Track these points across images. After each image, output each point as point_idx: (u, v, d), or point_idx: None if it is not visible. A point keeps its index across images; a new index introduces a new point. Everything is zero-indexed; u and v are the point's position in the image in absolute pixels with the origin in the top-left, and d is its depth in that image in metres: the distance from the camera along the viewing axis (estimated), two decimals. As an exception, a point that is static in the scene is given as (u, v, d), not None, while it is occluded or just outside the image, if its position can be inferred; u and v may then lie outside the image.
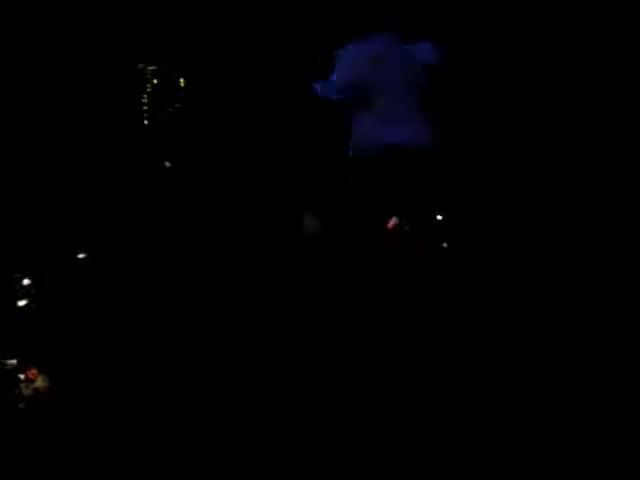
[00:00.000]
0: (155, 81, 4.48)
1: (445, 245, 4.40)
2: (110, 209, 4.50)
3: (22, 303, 4.35)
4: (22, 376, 4.15)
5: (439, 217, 4.49)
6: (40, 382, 4.24)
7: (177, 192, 4.59)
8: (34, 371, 4.14)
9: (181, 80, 4.54)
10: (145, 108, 4.48)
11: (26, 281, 4.36)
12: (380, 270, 4.24)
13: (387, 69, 4.72)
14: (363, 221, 4.50)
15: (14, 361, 4.17)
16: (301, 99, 4.70)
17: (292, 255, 4.35)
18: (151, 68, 4.48)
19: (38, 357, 4.23)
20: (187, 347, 4.05)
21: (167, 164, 4.51)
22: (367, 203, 4.58)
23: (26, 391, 4.14)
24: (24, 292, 4.35)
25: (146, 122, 4.48)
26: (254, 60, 4.68)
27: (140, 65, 4.48)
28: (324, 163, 4.78)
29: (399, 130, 4.67)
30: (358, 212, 4.56)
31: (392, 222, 4.45)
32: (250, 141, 4.64)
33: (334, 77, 4.73)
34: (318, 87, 4.68)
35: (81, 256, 4.48)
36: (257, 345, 3.89)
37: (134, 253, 4.52)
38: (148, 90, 4.48)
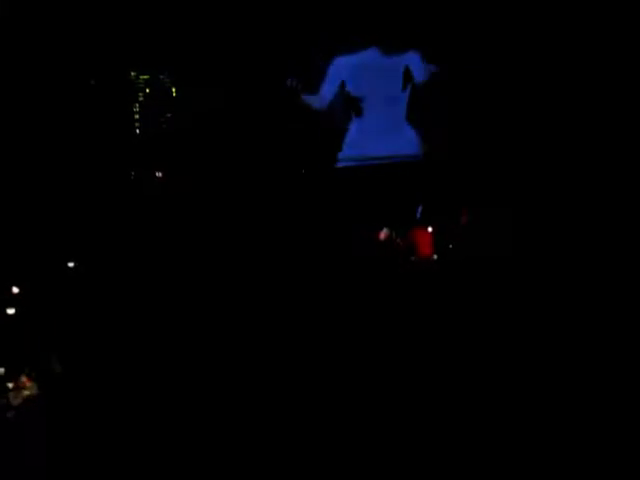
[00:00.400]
0: (147, 90, 4.49)
1: (435, 256, 4.44)
2: (99, 215, 4.49)
3: (11, 311, 4.32)
4: (11, 385, 4.12)
5: (429, 229, 4.52)
6: (29, 390, 4.21)
7: (167, 200, 4.60)
8: (24, 379, 4.11)
9: (173, 89, 4.55)
10: (137, 117, 4.48)
11: (15, 289, 4.34)
12: (373, 277, 4.26)
13: (375, 81, 4.75)
14: (354, 231, 4.52)
15: (2, 369, 4.14)
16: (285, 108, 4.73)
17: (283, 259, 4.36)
18: (144, 77, 4.49)
19: (27, 365, 4.20)
20: (179, 356, 4.05)
21: (158, 174, 4.52)
22: (356, 214, 4.60)
23: (15, 400, 4.11)
24: (13, 300, 4.33)
25: (137, 131, 4.49)
26: (243, 67, 4.70)
27: (133, 73, 4.48)
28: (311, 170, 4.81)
29: (387, 141, 4.70)
30: (347, 221, 4.58)
31: (383, 233, 4.48)
32: (237, 148, 4.66)
33: (324, 90, 4.76)
34: (309, 99, 4.71)
35: (71, 265, 4.47)
36: (251, 343, 3.90)
37: (123, 260, 4.51)
38: (140, 99, 4.49)
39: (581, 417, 3.22)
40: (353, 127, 4.76)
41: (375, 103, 4.74)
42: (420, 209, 4.61)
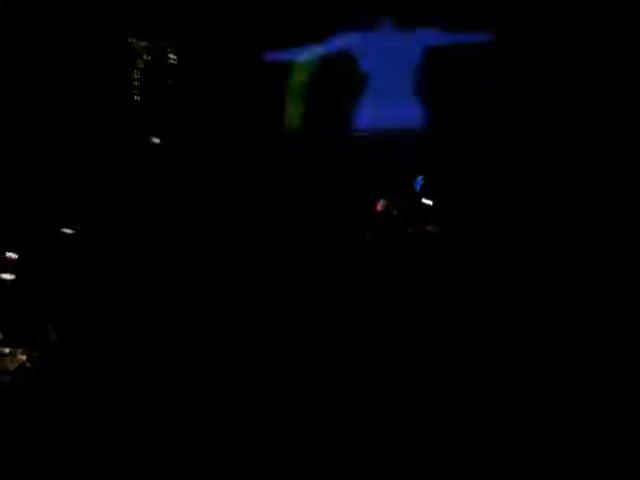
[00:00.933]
0: (146, 57, 4.45)
1: (432, 229, 4.43)
2: (98, 181, 4.47)
3: (7, 276, 4.32)
4: (7, 350, 4.13)
5: (428, 201, 4.51)
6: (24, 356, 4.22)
7: (165, 168, 4.58)
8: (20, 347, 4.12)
9: (172, 56, 4.51)
10: (136, 84, 4.45)
11: (13, 255, 4.33)
12: (369, 251, 4.26)
13: (387, 54, 4.75)
14: (352, 203, 4.52)
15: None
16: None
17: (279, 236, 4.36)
18: (143, 43, 4.45)
19: (23, 332, 4.21)
20: (174, 329, 4.05)
21: (155, 140, 4.50)
22: (356, 186, 4.60)
23: (11, 365, 4.13)
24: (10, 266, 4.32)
25: (136, 97, 4.46)
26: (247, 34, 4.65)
27: (131, 40, 4.44)
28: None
29: (398, 112, 4.72)
30: (346, 195, 4.58)
31: (380, 204, 4.47)
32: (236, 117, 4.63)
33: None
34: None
35: (68, 231, 4.46)
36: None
37: (121, 228, 4.50)
38: (139, 65, 4.45)
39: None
40: (364, 100, 4.78)
41: (387, 75, 4.75)
42: (420, 182, 4.61)
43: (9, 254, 4.35)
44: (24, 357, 4.21)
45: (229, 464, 3.32)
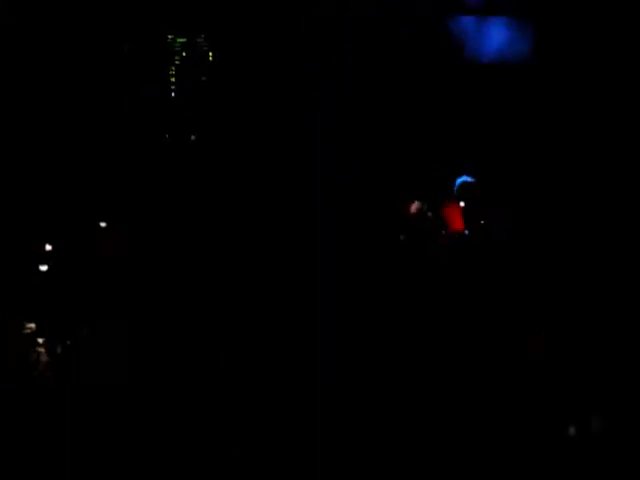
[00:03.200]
0: (184, 53, 4.47)
1: (466, 232, 4.39)
2: (135, 178, 4.51)
3: (43, 268, 4.38)
4: (41, 340, 4.21)
5: (461, 203, 4.47)
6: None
7: (201, 164, 4.59)
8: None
9: (210, 53, 4.53)
10: (173, 80, 4.47)
11: (48, 247, 4.39)
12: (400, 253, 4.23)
13: None
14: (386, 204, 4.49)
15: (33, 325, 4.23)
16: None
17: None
18: (181, 40, 4.47)
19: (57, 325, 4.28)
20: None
21: (192, 137, 4.52)
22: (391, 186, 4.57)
23: (44, 355, 4.21)
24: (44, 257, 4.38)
25: (173, 94, 4.48)
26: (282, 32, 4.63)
27: (170, 36, 4.47)
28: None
29: None
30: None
31: (414, 206, 4.44)
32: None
33: None
34: None
35: (103, 225, 4.51)
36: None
37: (157, 221, 4.53)
38: (176, 62, 4.48)
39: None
40: None
41: None
42: (458, 184, 4.56)
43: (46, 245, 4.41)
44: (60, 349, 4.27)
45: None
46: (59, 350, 4.16)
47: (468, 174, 4.53)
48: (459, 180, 4.55)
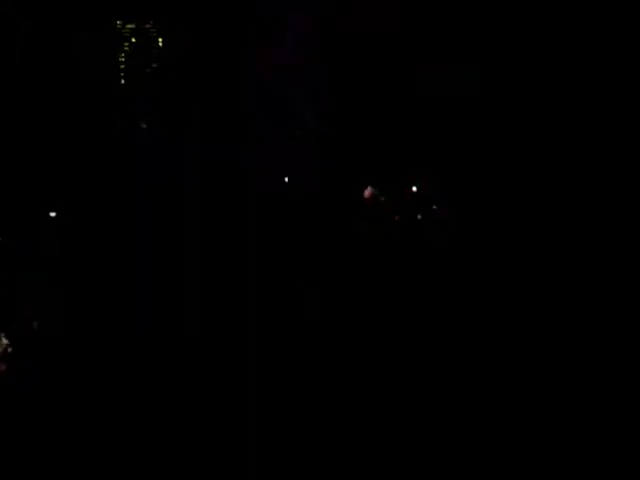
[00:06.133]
0: (133, 39, 4.38)
1: (419, 217, 4.46)
2: (83, 167, 4.42)
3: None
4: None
5: (414, 188, 4.53)
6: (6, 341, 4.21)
7: (154, 150, 4.53)
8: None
9: (159, 39, 4.45)
10: (122, 67, 4.38)
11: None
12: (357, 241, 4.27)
13: None
14: (339, 190, 4.51)
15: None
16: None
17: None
18: (130, 26, 4.38)
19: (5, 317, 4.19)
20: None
21: (143, 125, 4.44)
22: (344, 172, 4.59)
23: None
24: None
25: (123, 81, 4.39)
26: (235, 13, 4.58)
27: (118, 22, 4.37)
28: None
29: None
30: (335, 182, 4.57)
31: (368, 192, 4.48)
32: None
33: None
34: None
35: (52, 214, 4.41)
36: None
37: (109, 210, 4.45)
38: (126, 49, 4.39)
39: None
40: None
41: None
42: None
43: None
44: (7, 342, 4.19)
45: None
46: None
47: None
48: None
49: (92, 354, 4.00)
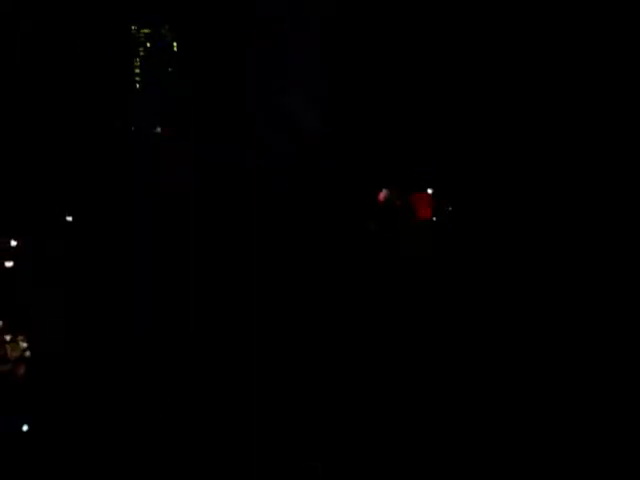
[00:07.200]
0: (148, 44, 4.43)
1: (434, 219, 4.43)
2: (99, 170, 4.46)
3: (8, 264, 4.32)
4: (8, 337, 4.15)
5: (429, 191, 4.51)
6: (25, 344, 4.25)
7: (167, 156, 4.56)
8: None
9: (174, 44, 4.48)
10: (137, 71, 4.43)
11: (13, 242, 4.32)
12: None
13: None
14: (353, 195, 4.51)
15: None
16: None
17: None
18: (145, 31, 4.42)
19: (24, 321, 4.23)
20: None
21: (158, 129, 4.48)
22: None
23: (12, 353, 4.15)
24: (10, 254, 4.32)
25: (137, 85, 4.43)
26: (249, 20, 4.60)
27: (133, 27, 4.42)
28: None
29: None
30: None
31: (382, 194, 4.47)
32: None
33: None
34: None
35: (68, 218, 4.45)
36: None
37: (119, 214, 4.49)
38: (140, 53, 4.43)
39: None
40: None
41: None
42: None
43: (11, 241, 4.35)
44: (25, 345, 4.22)
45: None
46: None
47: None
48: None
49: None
